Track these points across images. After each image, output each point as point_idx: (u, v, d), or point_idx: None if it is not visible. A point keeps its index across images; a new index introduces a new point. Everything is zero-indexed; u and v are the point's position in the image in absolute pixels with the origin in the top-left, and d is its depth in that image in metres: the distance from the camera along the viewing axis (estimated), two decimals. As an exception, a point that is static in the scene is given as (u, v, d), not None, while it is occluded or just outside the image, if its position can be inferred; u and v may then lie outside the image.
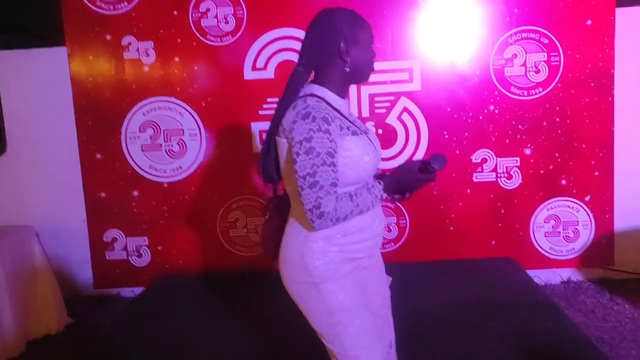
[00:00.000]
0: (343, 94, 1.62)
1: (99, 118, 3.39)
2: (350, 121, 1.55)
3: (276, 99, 3.34)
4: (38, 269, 3.14)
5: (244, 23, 3.28)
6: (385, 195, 1.57)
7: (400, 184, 1.58)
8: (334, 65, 1.55)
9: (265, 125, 3.38)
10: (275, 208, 1.75)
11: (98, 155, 3.42)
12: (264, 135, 1.64)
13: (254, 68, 3.32)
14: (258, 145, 3.38)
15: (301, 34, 3.32)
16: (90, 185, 3.45)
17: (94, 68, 3.36)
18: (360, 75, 1.61)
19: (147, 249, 3.51)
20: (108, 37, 3.32)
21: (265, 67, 3.32)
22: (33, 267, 3.12)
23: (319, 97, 1.52)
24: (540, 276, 3.43)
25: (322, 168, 1.41)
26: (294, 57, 3.28)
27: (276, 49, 3.30)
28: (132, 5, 3.28)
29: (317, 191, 1.41)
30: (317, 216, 1.43)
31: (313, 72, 1.59)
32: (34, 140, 3.58)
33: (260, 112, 3.34)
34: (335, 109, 1.52)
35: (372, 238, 1.62)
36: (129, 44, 3.32)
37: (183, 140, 3.40)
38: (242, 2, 3.26)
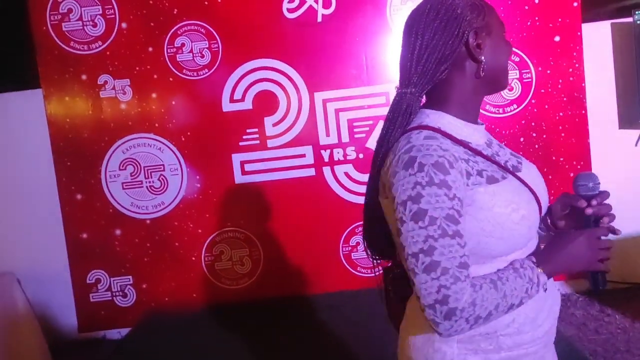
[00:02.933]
0: (473, 116, 1.17)
1: (77, 158, 3.36)
2: (487, 157, 1.10)
3: (255, 130, 3.40)
4: (20, 316, 3.07)
5: (220, 56, 3.30)
6: (546, 280, 1.04)
7: (566, 261, 1.07)
8: (459, 74, 1.13)
9: (247, 156, 3.42)
10: (392, 282, 1.29)
11: (78, 196, 3.37)
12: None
13: (231, 100, 3.33)
14: (239, 177, 3.36)
15: (277, 64, 3.40)
16: (71, 227, 3.40)
17: (70, 108, 3.34)
18: (498, 80, 1.17)
19: (132, 288, 3.44)
20: (84, 76, 3.31)
21: (243, 99, 3.33)
22: (15, 315, 3.05)
23: (433, 128, 1.09)
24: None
25: (443, 241, 0.97)
26: (272, 87, 3.31)
27: (253, 79, 3.33)
28: (107, 44, 3.29)
29: (439, 277, 0.96)
30: (443, 316, 0.96)
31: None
32: (12, 185, 3.53)
33: (240, 143, 3.34)
34: (462, 143, 1.09)
35: (536, 340, 1.10)
36: (105, 82, 3.31)
37: (164, 176, 3.38)
38: (216, 35, 3.29)
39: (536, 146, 3.33)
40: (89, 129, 3.35)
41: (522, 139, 3.33)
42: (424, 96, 1.17)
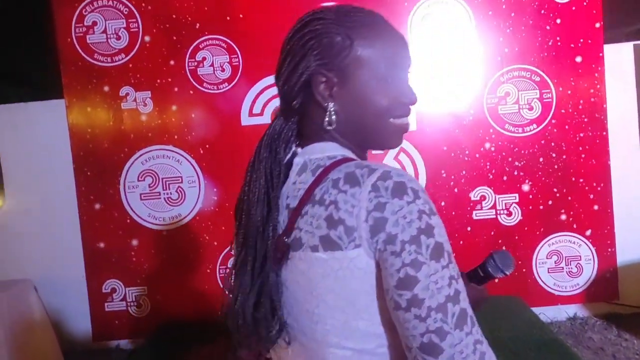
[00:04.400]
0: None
1: (97, 168, 3.40)
2: None
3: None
4: (36, 323, 3.10)
5: (240, 70, 3.33)
6: None
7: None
8: (310, 116, 0.95)
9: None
10: None
11: (97, 206, 3.41)
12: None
13: (250, 114, 3.35)
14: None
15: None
16: (89, 236, 3.43)
17: (92, 119, 3.39)
18: (368, 139, 0.95)
19: (146, 298, 3.46)
20: (106, 88, 3.36)
21: (262, 113, 3.36)
22: (31, 321, 3.08)
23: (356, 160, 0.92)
24: (545, 313, 3.38)
25: (461, 282, 0.81)
26: (290, 102, 3.33)
27: (272, 94, 3.34)
28: (130, 57, 3.33)
29: (472, 330, 0.79)
30: None
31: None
32: (32, 193, 3.58)
33: (258, 157, 3.35)
34: None
35: None
36: (127, 94, 3.35)
37: (182, 188, 3.40)
38: (237, 50, 3.32)
39: (555, 167, 3.29)
40: (109, 140, 3.39)
41: (541, 159, 3.29)
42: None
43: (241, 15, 3.30)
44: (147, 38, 3.32)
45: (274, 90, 3.27)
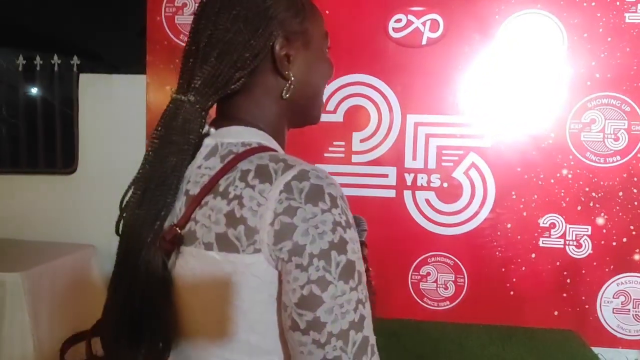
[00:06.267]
0: (282, 145, 0.97)
1: (168, 146, 3.47)
2: None
3: (342, 143, 3.39)
4: (96, 289, 3.19)
5: (319, 66, 3.32)
6: None
7: None
8: (261, 90, 0.88)
9: (330, 167, 3.40)
10: None
11: (163, 182, 3.48)
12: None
13: (324, 110, 3.33)
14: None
15: (374, 81, 3.38)
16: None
17: (169, 98, 3.45)
18: (307, 109, 0.96)
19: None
20: (187, 69, 3.42)
21: (335, 111, 3.34)
22: (92, 286, 3.17)
23: (275, 150, 0.86)
24: (604, 354, 3.21)
25: (368, 306, 0.75)
26: (365, 103, 3.30)
27: (348, 93, 3.32)
28: (213, 41, 3.38)
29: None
30: None
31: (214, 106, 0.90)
32: (104, 162, 3.70)
33: (325, 154, 3.34)
34: None
35: None
36: (206, 77, 3.40)
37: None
38: (319, 46, 3.30)
39: (635, 203, 3.12)
40: (183, 120, 3.45)
41: (620, 194, 3.13)
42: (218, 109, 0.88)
43: (327, 12, 3.29)
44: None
45: (350, 90, 3.24)
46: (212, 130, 0.88)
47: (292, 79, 0.87)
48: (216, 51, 0.83)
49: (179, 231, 0.79)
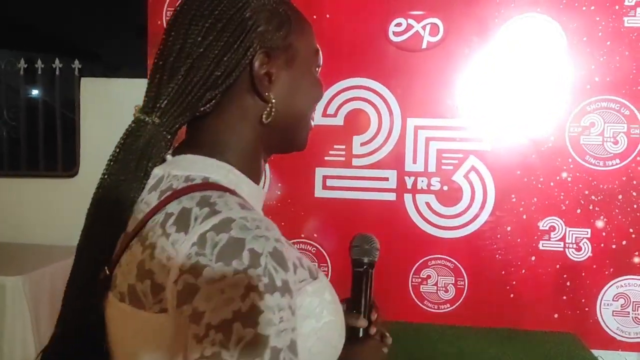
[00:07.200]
0: (257, 176, 0.84)
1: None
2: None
3: (342, 146, 3.40)
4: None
5: (319, 70, 3.32)
6: None
7: None
8: (237, 112, 0.77)
9: (330, 171, 3.42)
10: None
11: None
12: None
13: (324, 114, 3.35)
14: (319, 191, 3.37)
15: (374, 84, 3.38)
16: (153, 214, 3.51)
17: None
18: (292, 136, 0.86)
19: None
20: (187, 73, 3.43)
21: (335, 114, 3.35)
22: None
23: (226, 188, 0.71)
24: (604, 357, 3.21)
25: None
26: (365, 107, 3.31)
27: (348, 97, 3.34)
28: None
29: None
30: None
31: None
32: (104, 165, 3.70)
33: (326, 158, 3.35)
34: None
35: None
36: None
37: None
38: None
39: (635, 206, 3.13)
40: (184, 123, 3.46)
41: (620, 197, 3.14)
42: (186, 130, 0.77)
43: (327, 16, 3.30)
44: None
45: (350, 94, 3.26)
46: (169, 157, 0.78)
47: (273, 101, 0.76)
48: (185, 67, 0.73)
49: (108, 273, 0.72)
